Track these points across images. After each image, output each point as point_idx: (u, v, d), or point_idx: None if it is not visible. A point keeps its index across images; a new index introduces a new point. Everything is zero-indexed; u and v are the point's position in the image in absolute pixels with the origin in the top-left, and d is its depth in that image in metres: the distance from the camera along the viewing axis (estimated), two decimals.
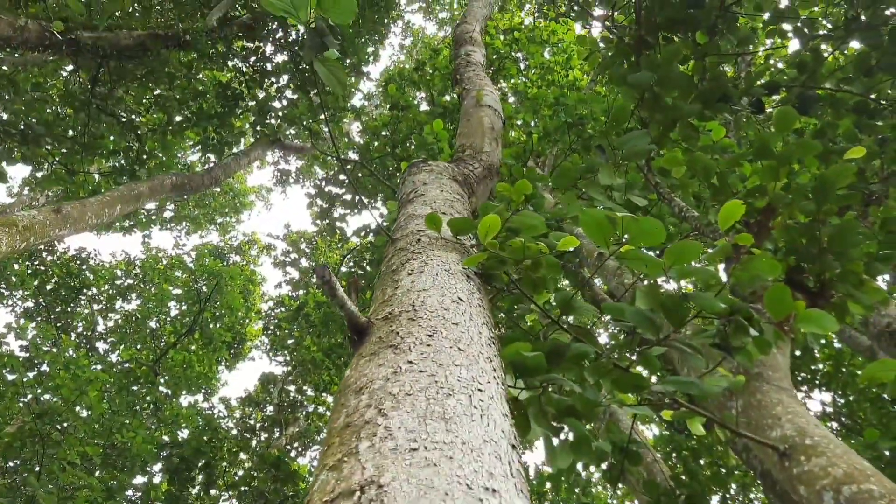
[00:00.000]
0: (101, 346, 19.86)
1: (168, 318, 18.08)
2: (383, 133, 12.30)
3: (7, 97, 8.57)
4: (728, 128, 5.75)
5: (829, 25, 5.68)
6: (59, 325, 18.54)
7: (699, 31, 5.21)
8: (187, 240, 24.25)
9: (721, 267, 3.99)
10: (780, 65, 7.98)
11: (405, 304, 2.08)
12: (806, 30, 5.31)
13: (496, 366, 1.86)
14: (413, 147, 11.77)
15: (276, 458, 12.14)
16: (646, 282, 3.76)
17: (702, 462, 8.18)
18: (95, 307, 19.73)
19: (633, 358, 2.61)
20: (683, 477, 7.29)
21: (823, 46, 5.36)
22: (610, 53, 5.30)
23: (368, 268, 13.39)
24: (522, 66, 14.36)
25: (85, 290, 18.93)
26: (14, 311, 19.32)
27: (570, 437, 2.57)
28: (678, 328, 2.35)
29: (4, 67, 9.28)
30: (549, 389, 2.34)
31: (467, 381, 1.63)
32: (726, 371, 2.95)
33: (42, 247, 16.77)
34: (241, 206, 21.46)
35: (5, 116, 9.24)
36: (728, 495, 9.00)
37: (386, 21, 15.29)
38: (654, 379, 2.65)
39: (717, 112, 4.96)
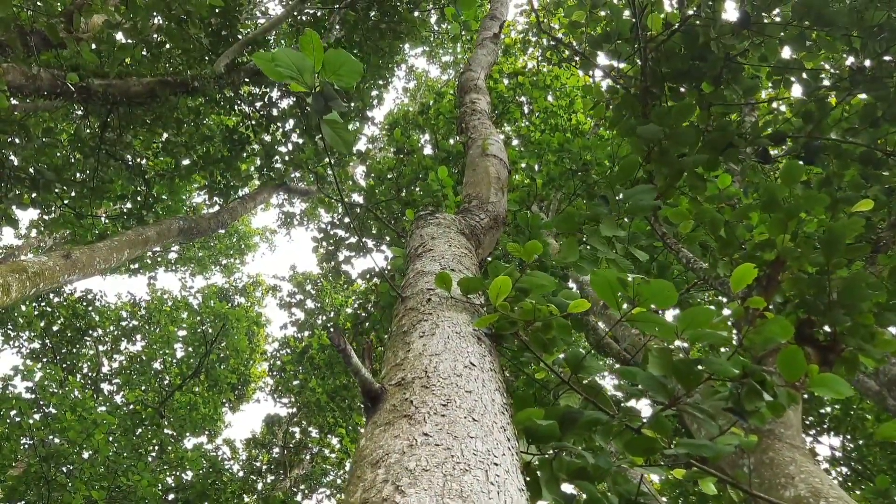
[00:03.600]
0: (106, 387, 19.79)
1: (174, 360, 18.03)
2: (388, 176, 12.42)
3: (18, 142, 8.69)
4: (734, 176, 5.79)
5: (835, 72, 5.75)
6: (64, 366, 18.51)
7: (704, 81, 5.29)
8: (192, 281, 24.29)
9: (729, 320, 3.98)
10: (783, 108, 8.07)
11: (418, 369, 2.08)
12: (811, 81, 5.38)
13: (510, 435, 1.85)
14: (418, 191, 11.87)
15: (281, 501, 11.99)
16: (655, 343, 3.75)
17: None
18: (101, 348, 19.72)
19: (645, 419, 2.59)
20: None
21: (829, 96, 5.43)
22: (616, 104, 5.37)
23: (373, 310, 13.40)
24: (526, 109, 14.55)
25: (90, 332, 18.95)
26: (20, 353, 19.34)
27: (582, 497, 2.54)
28: (690, 392, 2.34)
29: (16, 113, 9.44)
30: (561, 455, 2.32)
31: (483, 454, 1.62)
32: (738, 429, 2.92)
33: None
34: (246, 248, 21.55)
35: (16, 161, 9.37)
36: None
37: (390, 65, 15.55)
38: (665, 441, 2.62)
39: (723, 162, 5.01)
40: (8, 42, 6.00)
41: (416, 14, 13.75)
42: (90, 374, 19.65)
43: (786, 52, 5.95)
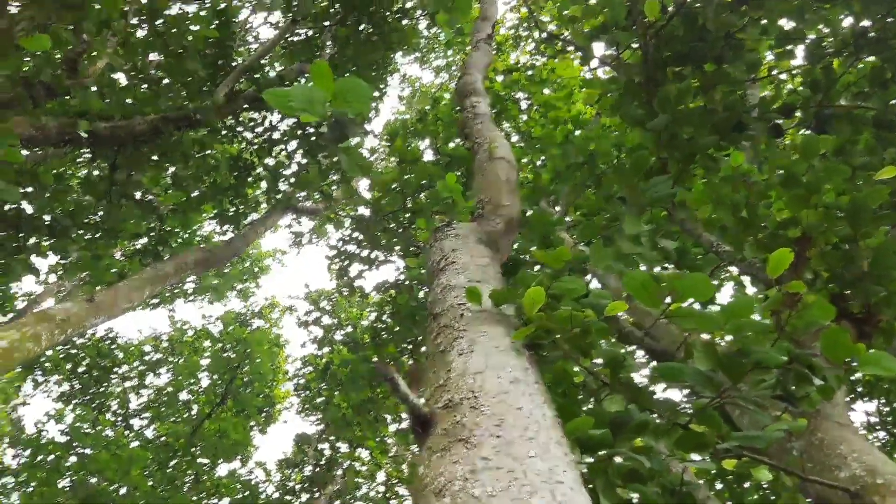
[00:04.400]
0: (136, 422, 19.94)
1: (200, 389, 18.13)
2: (393, 186, 12.42)
3: (32, 191, 8.76)
4: (746, 153, 5.74)
5: (837, 38, 5.69)
6: (93, 405, 18.65)
7: (707, 62, 5.25)
8: (210, 309, 24.41)
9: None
10: (783, 76, 7.98)
11: (463, 389, 2.07)
12: (815, 49, 5.34)
13: (566, 450, 1.84)
14: (424, 199, 11.86)
15: None
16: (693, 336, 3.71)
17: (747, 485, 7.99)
18: (127, 384, 19.86)
19: (691, 413, 2.57)
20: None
21: (834, 63, 5.37)
22: (619, 94, 5.34)
23: (389, 321, 13.42)
24: (524, 104, 14.50)
25: (115, 369, 19.08)
26: (49, 396, 19.53)
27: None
28: (737, 383, 2.31)
29: (28, 164, 9.53)
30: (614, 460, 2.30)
31: (546, 474, 1.60)
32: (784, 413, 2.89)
33: None
34: (259, 271, 21.63)
35: (29, 210, 9.44)
36: None
37: (384, 76, 15.55)
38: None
39: (734, 141, 4.97)
40: (15, 96, 6.05)
41: (405, 23, 13.76)
42: (119, 410, 19.80)
43: (784, 23, 5.91)
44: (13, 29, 4.80)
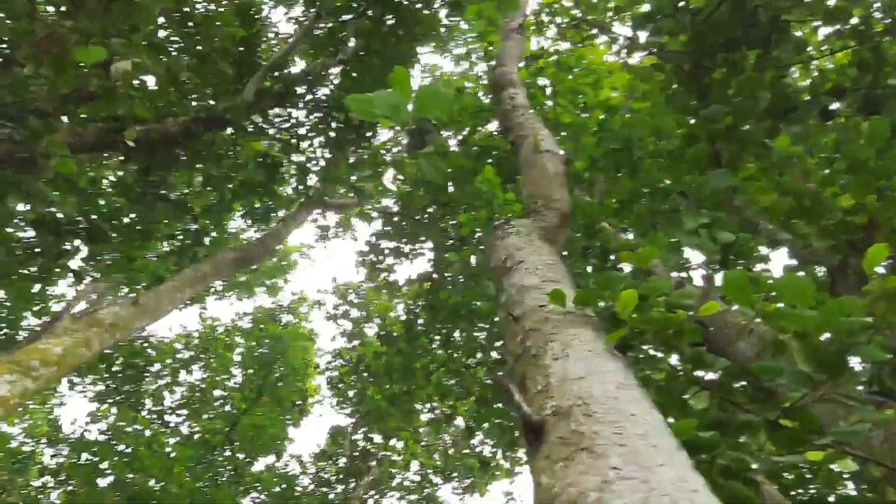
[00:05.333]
0: (171, 419, 20.26)
1: (235, 384, 18.36)
2: (424, 180, 12.41)
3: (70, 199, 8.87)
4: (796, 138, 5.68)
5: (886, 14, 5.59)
6: (128, 404, 18.97)
7: (754, 47, 5.19)
8: (240, 306, 24.68)
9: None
10: (828, 60, 7.85)
11: (568, 395, 2.08)
12: (863, 27, 5.25)
13: (685, 454, 1.84)
14: (459, 192, 11.86)
15: None
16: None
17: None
18: (160, 382, 20.17)
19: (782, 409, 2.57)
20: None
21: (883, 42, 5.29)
22: (668, 83, 5.30)
23: (421, 313, 13.49)
24: (549, 91, 14.38)
25: (149, 368, 19.37)
26: (85, 396, 19.88)
27: None
28: (836, 381, 2.31)
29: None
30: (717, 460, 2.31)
31: (679, 482, 1.61)
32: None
33: None
34: (287, 266, 21.78)
35: (60, 215, 9.56)
36: None
37: (408, 68, 15.50)
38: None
39: (787, 125, 4.92)
40: (58, 105, 6.14)
41: (426, 12, 13.68)
42: (154, 408, 20.11)
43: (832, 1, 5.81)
44: (69, 41, 4.85)
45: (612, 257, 6.74)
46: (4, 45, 6.34)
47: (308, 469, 19.83)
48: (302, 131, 13.59)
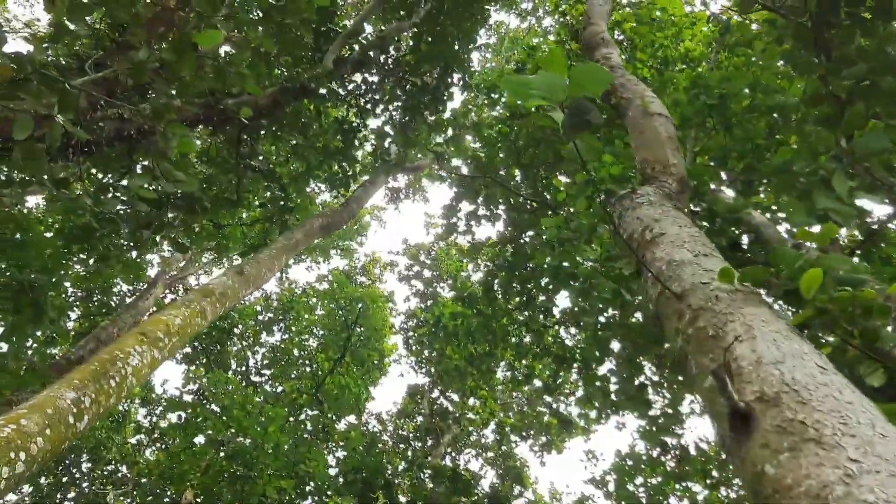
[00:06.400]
0: (256, 379, 21.13)
1: (319, 344, 18.91)
2: (501, 143, 12.32)
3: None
4: None
5: None
6: (216, 365, 19.86)
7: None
8: (317, 268, 25.25)
9: None
10: None
11: (770, 381, 2.06)
12: None
13: None
14: (535, 152, 11.75)
15: (452, 470, 12.47)
16: None
17: None
18: (244, 343, 21.00)
19: None
20: None
21: None
22: (787, 38, 5.08)
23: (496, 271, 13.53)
24: (625, 45, 13.97)
25: (234, 330, 20.17)
26: (174, 359, 20.88)
27: None
28: None
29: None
30: None
31: None
32: None
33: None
34: (360, 229, 22.12)
35: (154, 188, 9.90)
36: None
37: (478, 27, 15.29)
38: None
39: None
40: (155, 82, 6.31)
41: None
42: (238, 368, 20.99)
43: None
44: (187, 25, 4.97)
45: (719, 220, 6.57)
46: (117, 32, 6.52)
47: (387, 427, 20.47)
48: (377, 96, 13.65)
